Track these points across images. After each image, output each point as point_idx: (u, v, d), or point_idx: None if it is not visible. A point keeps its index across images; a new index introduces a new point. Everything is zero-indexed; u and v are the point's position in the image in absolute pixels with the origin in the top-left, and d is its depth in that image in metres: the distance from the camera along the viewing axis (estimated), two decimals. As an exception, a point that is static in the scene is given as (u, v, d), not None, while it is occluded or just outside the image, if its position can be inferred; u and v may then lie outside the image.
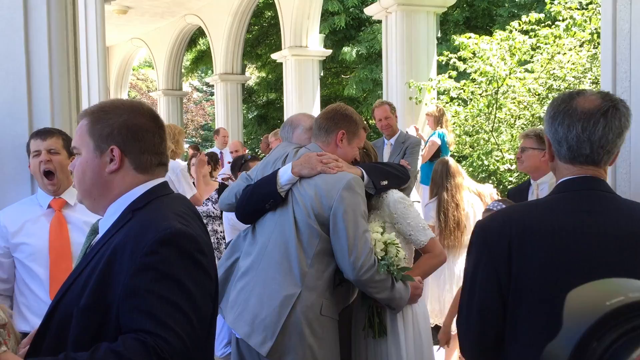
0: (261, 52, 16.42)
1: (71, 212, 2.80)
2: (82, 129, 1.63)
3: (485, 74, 7.24)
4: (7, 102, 2.93)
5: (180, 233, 1.49)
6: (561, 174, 1.71)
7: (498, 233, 1.65)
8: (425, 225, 2.85)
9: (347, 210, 2.56)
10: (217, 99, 14.12)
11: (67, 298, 1.53)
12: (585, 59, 7.07)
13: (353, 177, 2.63)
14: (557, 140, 1.66)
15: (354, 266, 2.53)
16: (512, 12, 12.17)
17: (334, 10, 12.85)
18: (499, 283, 1.63)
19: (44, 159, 2.70)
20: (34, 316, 2.70)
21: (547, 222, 1.62)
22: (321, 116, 2.86)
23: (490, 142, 7.42)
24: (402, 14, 7.76)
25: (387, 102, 6.01)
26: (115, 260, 1.48)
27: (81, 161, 1.63)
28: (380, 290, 2.61)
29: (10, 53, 2.92)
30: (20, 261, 2.73)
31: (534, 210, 1.71)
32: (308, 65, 10.96)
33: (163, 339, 1.38)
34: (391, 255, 2.62)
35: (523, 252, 1.61)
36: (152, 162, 1.65)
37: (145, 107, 1.71)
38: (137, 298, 1.42)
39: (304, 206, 2.61)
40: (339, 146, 2.79)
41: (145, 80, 27.11)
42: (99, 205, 1.66)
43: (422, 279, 2.81)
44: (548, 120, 1.69)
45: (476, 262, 1.69)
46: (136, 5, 13.39)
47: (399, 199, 2.82)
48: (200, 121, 25.54)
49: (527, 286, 1.60)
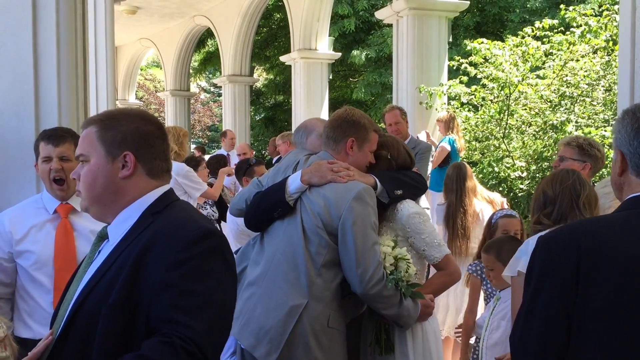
0: (270, 54, 16.40)
1: (78, 218, 2.71)
2: (90, 136, 1.65)
3: (497, 80, 7.17)
4: (14, 103, 2.89)
5: (211, 232, 1.57)
6: (631, 189, 1.60)
7: (566, 247, 1.53)
8: (440, 241, 2.75)
9: (356, 221, 2.49)
10: (225, 101, 14.09)
11: (92, 299, 1.56)
12: (598, 65, 6.98)
13: (364, 187, 2.56)
14: (634, 153, 1.57)
15: (361, 279, 2.46)
16: (524, 17, 12.09)
17: (344, 14, 12.82)
18: (564, 305, 1.51)
19: (55, 167, 2.62)
20: (36, 324, 2.63)
21: (621, 242, 1.51)
22: (328, 125, 2.78)
23: (501, 148, 7.34)
24: (413, 18, 7.69)
25: (398, 106, 5.95)
26: (145, 258, 1.52)
27: (91, 168, 1.64)
28: (388, 307, 2.53)
29: (19, 53, 2.89)
30: (24, 269, 2.65)
31: (605, 225, 1.59)
32: (317, 68, 10.91)
33: (192, 330, 1.43)
34: (401, 270, 2.53)
35: (593, 271, 1.50)
36: (162, 168, 1.70)
37: (152, 116, 1.77)
38: (170, 291, 1.47)
39: (313, 215, 2.55)
40: (349, 154, 2.71)
41: (152, 80, 27.15)
42: (109, 212, 1.67)
43: (433, 297, 2.72)
44: (630, 133, 1.59)
45: (540, 278, 1.55)
46: (145, 5, 13.38)
47: (414, 213, 2.72)
48: (208, 122, 25.55)
49: (595, 313, 1.49)
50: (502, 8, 12.84)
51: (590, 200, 2.62)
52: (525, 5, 12.44)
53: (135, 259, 1.53)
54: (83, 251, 2.63)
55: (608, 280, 1.48)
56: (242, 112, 13.66)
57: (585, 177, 2.78)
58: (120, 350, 1.48)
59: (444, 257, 2.72)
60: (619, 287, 1.48)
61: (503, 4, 12.83)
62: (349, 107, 2.83)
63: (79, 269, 1.74)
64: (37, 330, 2.60)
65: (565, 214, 2.58)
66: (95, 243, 1.73)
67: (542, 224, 2.59)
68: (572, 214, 2.57)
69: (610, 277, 1.48)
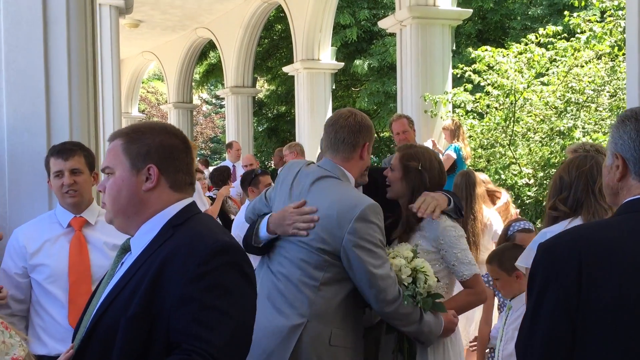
0: (272, 65, 16.46)
1: (91, 231, 2.72)
2: (116, 149, 1.66)
3: (501, 87, 7.17)
4: (26, 118, 2.88)
5: (230, 246, 1.57)
6: (630, 193, 1.60)
7: (566, 254, 1.53)
8: (472, 260, 2.67)
9: (360, 243, 2.38)
10: (228, 112, 14.13)
11: (112, 311, 1.57)
12: (603, 71, 6.98)
13: (368, 205, 2.43)
14: (636, 158, 1.58)
15: (376, 299, 2.40)
16: (525, 24, 12.13)
17: (346, 24, 12.86)
18: (568, 312, 1.50)
19: (67, 182, 2.63)
20: (51, 339, 2.62)
21: (621, 247, 1.51)
22: (340, 128, 2.57)
23: (507, 155, 7.33)
24: (416, 27, 7.71)
25: (405, 115, 5.94)
26: (165, 271, 1.53)
27: (116, 180, 1.65)
28: (407, 324, 2.46)
29: (30, 69, 2.89)
30: (38, 283, 2.65)
31: (605, 230, 1.60)
32: (320, 78, 10.94)
33: (211, 345, 1.44)
34: (419, 283, 2.48)
35: (595, 277, 1.49)
36: (185, 181, 1.71)
37: (176, 129, 1.76)
38: (190, 305, 1.47)
39: (312, 233, 2.43)
40: (363, 159, 2.60)
41: (154, 92, 27.24)
42: (132, 224, 1.67)
43: (456, 313, 2.66)
44: (633, 137, 1.59)
45: (543, 286, 1.55)
46: (147, 19, 13.46)
47: (450, 226, 2.68)
48: (210, 134, 25.61)
49: (598, 319, 1.49)
50: (504, 15, 12.89)
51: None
52: (526, 13, 12.48)
53: (155, 272, 1.53)
54: (97, 264, 2.65)
55: (610, 285, 1.47)
56: (245, 123, 13.69)
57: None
58: None
59: (473, 275, 2.65)
60: (620, 292, 1.47)
61: (504, 12, 12.87)
62: (353, 110, 2.70)
63: (102, 282, 1.74)
64: (52, 346, 2.59)
65: (581, 199, 2.51)
66: (119, 255, 1.73)
67: (558, 210, 2.54)
68: (588, 200, 2.50)
69: (612, 282, 1.47)
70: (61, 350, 2.37)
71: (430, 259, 2.65)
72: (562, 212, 2.52)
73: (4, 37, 2.85)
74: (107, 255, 2.67)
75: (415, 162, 2.75)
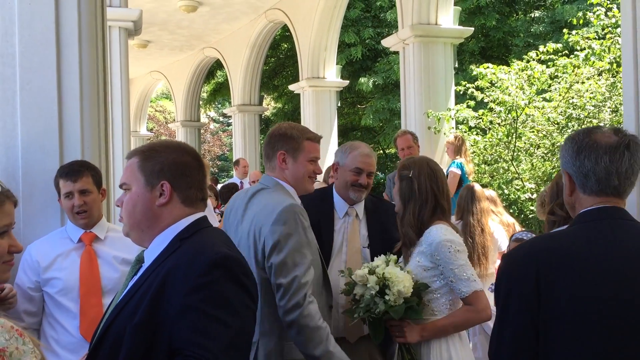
0: (278, 83, 16.63)
1: (101, 246, 2.83)
2: (132, 166, 1.76)
3: (503, 104, 7.26)
4: (39, 137, 2.98)
5: (229, 257, 1.63)
6: (581, 206, 1.75)
7: (525, 263, 1.68)
8: (471, 276, 2.58)
9: (278, 244, 2.36)
10: (235, 130, 14.28)
11: (120, 319, 1.65)
12: (604, 87, 7.06)
13: (284, 207, 2.41)
14: (584, 174, 1.72)
15: (278, 302, 2.36)
16: (528, 41, 12.24)
17: (351, 42, 13.03)
18: (531, 314, 1.64)
19: (77, 203, 2.75)
20: (63, 350, 2.71)
21: (573, 251, 1.66)
22: (264, 145, 2.72)
23: (510, 170, 7.40)
24: (419, 45, 7.84)
25: (410, 131, 6.04)
26: (168, 282, 1.61)
27: (132, 196, 1.75)
28: (307, 342, 2.33)
29: (44, 90, 2.99)
30: (51, 296, 2.75)
31: (559, 240, 1.75)
32: (325, 96, 11.07)
33: (209, 352, 1.50)
34: (389, 289, 2.47)
35: (551, 282, 1.63)
36: (197, 197, 1.79)
37: (189, 148, 1.86)
38: (189, 314, 1.54)
39: (240, 248, 2.36)
40: (284, 168, 2.61)
41: (162, 111, 27.48)
42: (146, 237, 1.77)
43: (450, 331, 2.60)
44: (572, 155, 1.75)
45: (506, 293, 1.70)
46: (156, 39, 13.67)
47: (445, 240, 2.59)
48: (217, 151, 25.77)
49: (558, 316, 1.62)
50: (507, 33, 13.01)
51: None
52: (529, 30, 12.59)
53: (160, 282, 1.61)
54: (106, 276, 2.75)
55: (565, 287, 1.62)
56: (252, 141, 13.83)
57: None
58: None
59: (473, 292, 2.55)
60: (574, 292, 1.62)
61: (507, 29, 13.00)
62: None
63: (119, 292, 1.83)
64: (64, 356, 2.68)
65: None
66: (133, 266, 1.83)
67: (555, 215, 2.63)
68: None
69: (567, 285, 1.62)
70: None
71: (430, 275, 2.61)
72: (559, 216, 2.62)
73: (19, 59, 2.96)
74: (116, 268, 2.78)
75: (407, 171, 2.73)
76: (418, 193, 2.68)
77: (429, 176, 2.72)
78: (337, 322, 2.86)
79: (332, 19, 10.79)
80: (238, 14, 12.29)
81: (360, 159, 3.00)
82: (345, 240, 2.99)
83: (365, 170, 2.99)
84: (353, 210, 3.05)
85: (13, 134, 2.97)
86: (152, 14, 11.43)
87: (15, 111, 2.97)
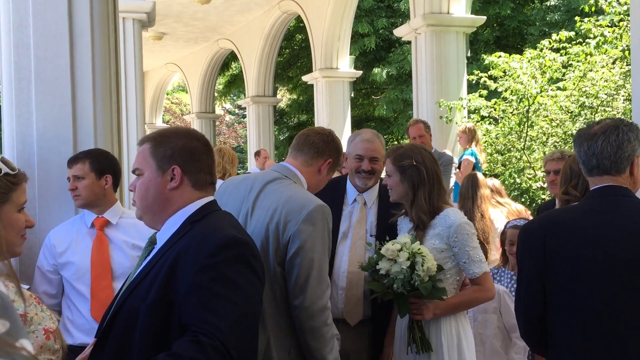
0: (292, 74, 16.66)
1: (112, 231, 2.92)
2: (144, 152, 1.83)
3: (516, 92, 7.24)
4: (54, 125, 3.07)
5: (237, 240, 1.69)
6: (590, 187, 2.14)
7: (536, 231, 2.11)
8: (482, 258, 2.73)
9: (305, 245, 2.27)
10: (250, 121, 14.36)
11: (132, 300, 1.71)
12: (618, 75, 7.02)
13: (315, 207, 2.31)
14: (578, 160, 2.15)
15: (301, 306, 2.27)
16: (543, 30, 12.13)
17: (364, 32, 13.00)
18: (539, 274, 2.06)
19: (70, 187, 2.90)
20: (77, 331, 2.82)
21: (575, 221, 2.07)
22: (314, 134, 2.56)
23: (522, 160, 7.39)
24: (431, 34, 7.83)
25: (422, 120, 6.06)
26: (179, 263, 1.67)
27: (144, 180, 1.82)
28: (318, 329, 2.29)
29: (57, 79, 3.07)
30: (67, 279, 2.87)
31: (566, 212, 2.22)
32: (339, 87, 11.09)
33: (217, 328, 1.55)
34: (419, 266, 2.54)
35: (555, 245, 2.03)
36: (207, 181, 1.85)
37: (198, 133, 1.93)
38: (197, 293, 1.60)
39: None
40: (321, 173, 2.54)
41: (178, 103, 27.67)
42: (158, 220, 1.83)
43: (460, 309, 2.74)
44: (574, 146, 2.16)
45: (521, 257, 2.16)
46: (171, 31, 13.78)
47: (465, 223, 2.71)
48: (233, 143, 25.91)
49: (556, 273, 2.02)
50: (522, 22, 12.91)
51: None
52: (544, 19, 12.48)
53: (172, 262, 1.68)
54: (117, 261, 2.85)
55: (566, 252, 2.01)
56: (267, 132, 13.90)
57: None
58: (158, 346, 1.60)
59: (483, 274, 2.70)
60: (575, 254, 2.00)
61: (522, 18, 12.89)
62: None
63: (132, 272, 1.90)
64: (77, 336, 2.80)
65: (589, 185, 2.86)
66: (146, 247, 1.89)
67: (570, 194, 2.97)
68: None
69: (568, 250, 2.01)
70: (85, 341, 2.58)
71: (443, 257, 2.70)
72: (573, 196, 2.94)
73: (33, 50, 3.05)
74: (127, 253, 2.88)
75: (409, 160, 2.77)
76: (427, 178, 2.75)
77: (431, 161, 2.80)
78: (338, 305, 2.91)
79: (346, 9, 10.79)
80: (252, 5, 12.34)
81: (360, 145, 3.00)
82: (351, 227, 3.03)
83: (365, 156, 2.98)
84: (361, 198, 3.08)
85: (28, 123, 3.06)
86: (166, 5, 11.52)
87: (30, 100, 3.06)
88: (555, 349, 2.07)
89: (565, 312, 2.01)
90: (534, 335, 2.14)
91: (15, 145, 3.07)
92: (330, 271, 2.90)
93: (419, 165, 2.76)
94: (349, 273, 2.92)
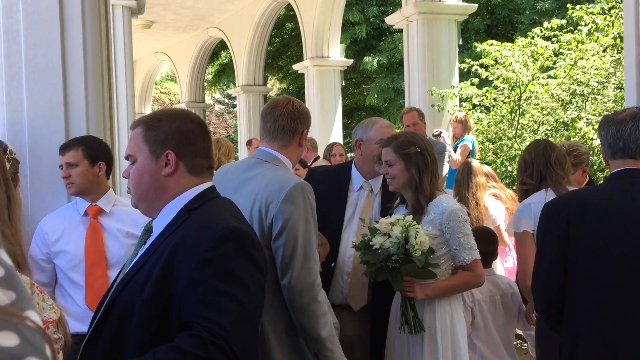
0: (282, 63, 16.59)
1: (105, 219, 2.89)
2: (136, 137, 1.73)
3: (507, 81, 7.25)
4: (45, 112, 3.03)
5: (237, 230, 1.60)
6: (611, 169, 2.25)
7: (560, 208, 2.22)
8: (473, 245, 2.75)
9: (288, 224, 2.25)
10: (240, 111, 14.29)
11: (127, 292, 1.64)
12: (609, 63, 7.04)
13: (294, 185, 2.29)
14: (603, 144, 2.24)
15: (288, 284, 2.25)
16: (534, 19, 12.15)
17: (355, 21, 12.96)
18: (561, 248, 2.16)
19: (63, 174, 2.85)
20: (71, 319, 2.77)
21: (599, 199, 2.20)
22: (279, 116, 2.48)
23: (513, 148, 7.42)
24: (423, 22, 7.81)
25: (416, 108, 6.05)
26: (176, 255, 1.59)
27: (137, 167, 1.72)
28: (312, 315, 2.26)
29: (48, 66, 3.03)
30: (60, 268, 2.84)
31: (588, 192, 2.45)
32: (330, 76, 11.05)
33: (219, 326, 1.48)
34: (411, 239, 2.55)
35: (579, 221, 2.15)
36: (203, 165, 1.75)
37: (193, 115, 1.83)
38: (198, 289, 1.53)
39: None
40: (301, 145, 2.53)
41: (167, 93, 27.50)
42: (154, 208, 1.74)
43: (451, 292, 2.76)
44: (599, 130, 2.27)
45: (544, 232, 2.25)
46: (159, 19, 13.64)
47: (457, 209, 2.73)
48: (223, 133, 25.79)
49: (581, 249, 2.13)
50: (512, 10, 12.91)
51: (560, 159, 3.23)
52: (535, 7, 12.49)
53: (169, 255, 1.59)
54: (111, 249, 2.82)
55: (588, 230, 2.12)
56: (257, 122, 13.79)
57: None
58: (154, 342, 1.53)
59: (473, 260, 2.73)
60: (596, 233, 2.11)
61: (513, 6, 12.90)
62: (290, 97, 2.58)
63: (127, 261, 1.82)
64: (72, 324, 2.72)
65: (543, 172, 3.17)
66: (142, 236, 1.81)
67: (526, 184, 3.19)
68: (548, 171, 3.18)
69: (590, 228, 2.11)
70: (80, 329, 2.55)
71: (435, 243, 2.71)
72: (530, 184, 3.16)
73: (23, 36, 3.00)
74: (121, 241, 2.85)
75: (412, 147, 2.78)
76: (431, 164, 2.80)
77: (430, 147, 2.85)
78: (342, 290, 2.91)
79: (336, -3, 10.75)
80: (241, -7, 12.25)
81: (384, 129, 3.03)
82: (357, 213, 3.04)
83: None
84: (368, 185, 3.09)
85: (19, 110, 3.02)
86: (155, -7, 11.41)
87: (21, 87, 3.02)
88: (570, 324, 2.14)
89: (583, 288, 2.10)
90: (552, 308, 2.21)
91: (7, 132, 3.03)
92: (336, 257, 2.93)
93: (423, 152, 2.79)
94: (355, 258, 2.93)
